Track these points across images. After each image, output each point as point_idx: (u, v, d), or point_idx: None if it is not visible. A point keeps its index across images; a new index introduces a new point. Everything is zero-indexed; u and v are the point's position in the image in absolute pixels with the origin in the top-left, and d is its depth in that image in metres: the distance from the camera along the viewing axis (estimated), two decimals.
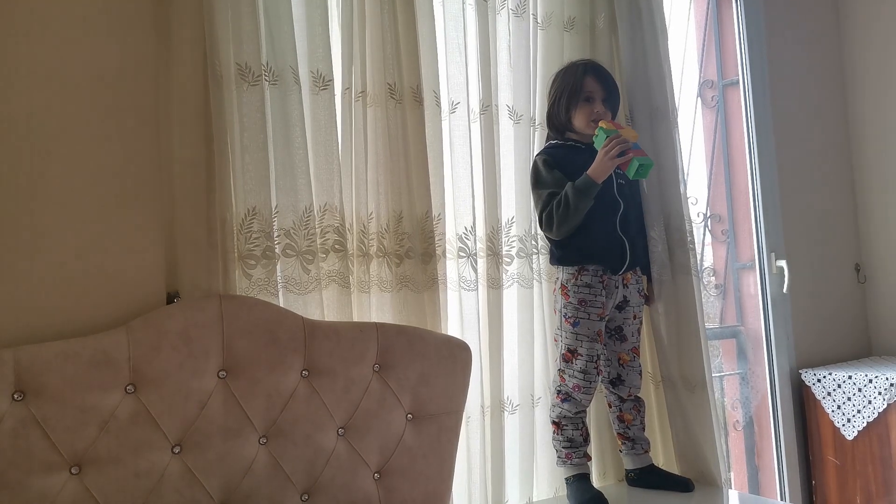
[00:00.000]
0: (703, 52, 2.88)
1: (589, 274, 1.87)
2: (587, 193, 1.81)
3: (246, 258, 1.53)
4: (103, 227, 1.40)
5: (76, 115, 1.38)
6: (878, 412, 2.46)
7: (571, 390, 1.87)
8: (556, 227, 1.84)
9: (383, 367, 1.59)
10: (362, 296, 1.69)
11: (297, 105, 1.60)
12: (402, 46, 1.74)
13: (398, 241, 1.71)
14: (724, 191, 2.85)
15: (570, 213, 1.82)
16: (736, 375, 2.81)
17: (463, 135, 1.88)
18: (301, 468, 1.48)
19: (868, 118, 3.01)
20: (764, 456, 2.77)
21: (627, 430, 1.99)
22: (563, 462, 1.90)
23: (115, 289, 1.40)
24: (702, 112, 2.88)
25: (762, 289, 2.75)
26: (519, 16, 2.02)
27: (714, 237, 2.84)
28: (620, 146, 1.79)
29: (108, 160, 1.41)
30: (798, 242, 2.81)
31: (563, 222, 1.83)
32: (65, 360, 1.27)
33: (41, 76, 1.35)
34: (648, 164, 1.81)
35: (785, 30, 2.90)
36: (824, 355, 2.81)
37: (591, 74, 1.93)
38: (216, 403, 1.40)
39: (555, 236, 1.89)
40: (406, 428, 1.61)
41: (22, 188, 1.33)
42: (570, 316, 1.87)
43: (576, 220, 1.83)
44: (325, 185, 1.64)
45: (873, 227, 2.99)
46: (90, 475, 1.28)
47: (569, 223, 1.83)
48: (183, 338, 1.38)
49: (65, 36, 1.38)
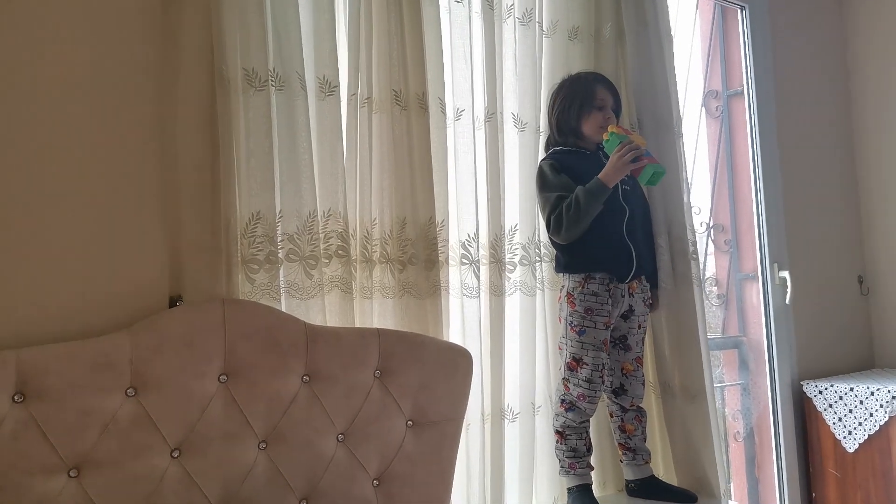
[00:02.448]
0: (708, 62, 2.88)
1: (595, 282, 1.87)
2: (598, 197, 1.81)
3: (249, 262, 1.53)
4: (107, 229, 1.40)
5: (81, 118, 1.39)
6: (879, 425, 2.45)
7: (576, 399, 1.86)
8: (565, 231, 1.84)
9: (384, 373, 1.58)
10: (364, 302, 1.69)
11: (303, 110, 1.60)
12: (408, 53, 1.74)
13: (401, 248, 1.71)
14: (728, 201, 2.85)
15: (580, 217, 1.82)
16: (737, 386, 2.80)
17: (468, 142, 1.88)
18: (300, 474, 1.47)
19: (873, 130, 3.01)
20: (764, 467, 2.76)
21: (629, 441, 1.98)
22: (567, 472, 1.90)
23: (118, 291, 1.40)
24: (706, 122, 2.88)
25: (765, 299, 2.74)
26: (525, 24, 2.02)
27: (717, 247, 2.84)
28: (634, 152, 1.79)
29: (113, 163, 1.42)
30: (801, 254, 2.81)
31: (573, 226, 1.83)
32: (66, 363, 1.26)
33: (47, 79, 1.36)
34: (661, 172, 1.82)
35: (790, 41, 2.90)
36: (826, 367, 2.81)
37: (601, 84, 1.96)
38: (217, 407, 1.40)
39: (562, 240, 1.88)
40: (406, 435, 1.60)
41: (26, 190, 1.33)
42: (577, 324, 1.87)
43: (584, 224, 1.83)
44: (330, 191, 1.64)
45: (877, 240, 2.99)
46: (89, 478, 1.27)
47: (578, 227, 1.83)
48: (185, 341, 1.37)
49: (70, 39, 1.39)
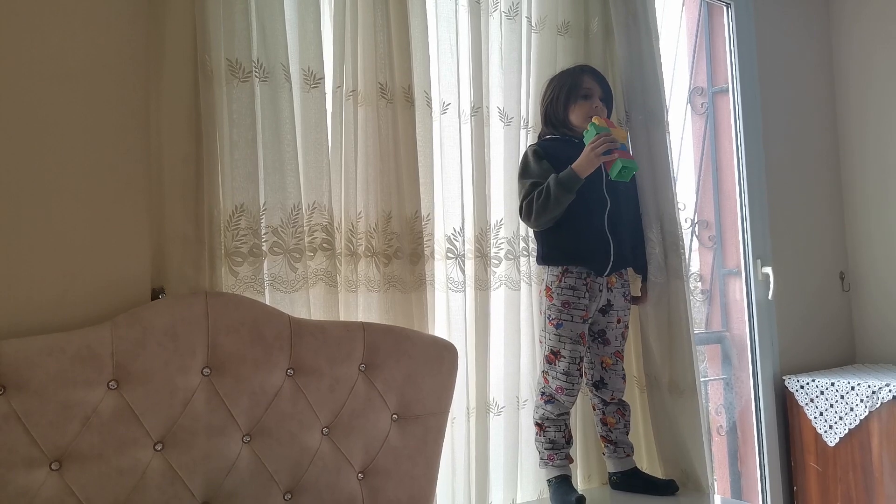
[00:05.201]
0: (693, 59, 2.90)
1: (573, 276, 1.88)
2: (569, 187, 1.81)
3: (233, 255, 1.52)
4: (89, 220, 1.39)
5: (64, 109, 1.37)
6: (859, 419, 2.48)
7: (554, 392, 1.87)
8: (535, 217, 1.85)
9: (369, 366, 1.58)
10: (349, 295, 1.69)
11: (288, 102, 1.60)
12: (394, 46, 1.73)
13: (386, 241, 1.71)
14: (712, 197, 2.87)
15: (549, 205, 1.82)
16: (720, 381, 2.83)
17: (453, 136, 1.88)
18: (285, 467, 1.47)
19: (856, 128, 3.04)
20: (746, 461, 2.78)
21: (610, 434, 1.99)
22: (546, 464, 1.91)
23: (100, 283, 1.39)
24: (691, 118, 2.90)
25: (748, 295, 2.77)
26: (511, 18, 2.02)
27: (701, 243, 2.86)
28: (607, 144, 1.79)
29: (96, 154, 1.40)
30: (784, 250, 2.83)
31: (542, 213, 1.84)
32: (48, 355, 1.25)
33: (28, 71, 1.34)
34: (632, 167, 1.81)
35: (775, 38, 2.92)
36: (808, 362, 2.84)
37: (588, 74, 1.97)
38: (200, 401, 1.39)
39: (533, 226, 1.91)
40: (391, 428, 1.60)
41: (7, 181, 1.31)
42: (554, 318, 1.88)
43: (555, 213, 1.84)
44: (315, 184, 1.64)
45: (859, 236, 3.02)
46: (71, 471, 1.26)
47: (547, 215, 1.84)
48: (169, 334, 1.37)
49: (53, 30, 1.37)
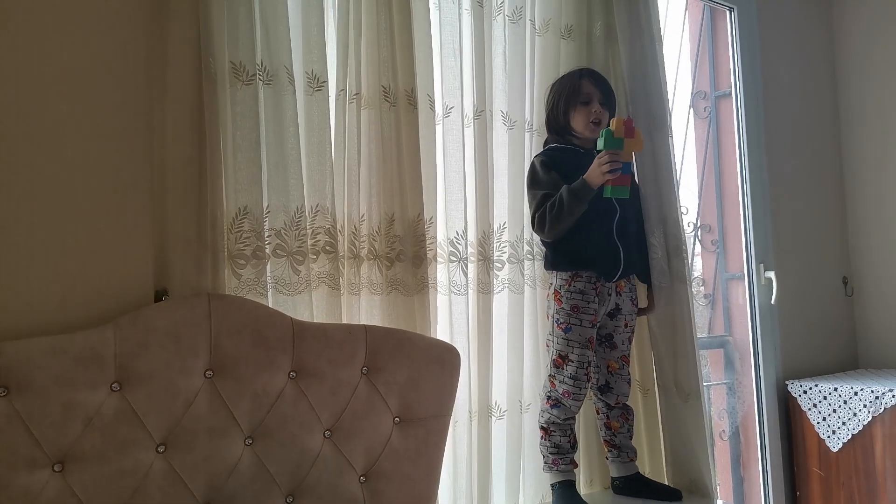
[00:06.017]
0: (696, 63, 2.90)
1: (582, 280, 1.88)
2: (582, 197, 1.82)
3: (236, 257, 1.52)
4: (92, 222, 1.39)
5: (68, 111, 1.37)
6: (862, 425, 2.47)
7: (561, 396, 1.87)
8: (549, 229, 1.85)
9: (371, 369, 1.58)
10: (352, 298, 1.69)
11: (291, 105, 1.60)
12: (398, 49, 1.74)
13: (389, 244, 1.71)
14: (715, 201, 2.86)
15: (563, 216, 1.83)
16: (723, 385, 2.82)
17: (456, 139, 1.88)
18: (286, 469, 1.47)
19: (859, 132, 3.03)
20: (749, 466, 2.78)
21: (614, 438, 1.99)
22: (550, 468, 1.90)
23: (103, 285, 1.39)
24: (694, 123, 2.90)
25: (750, 299, 2.76)
26: (515, 22, 2.03)
27: (704, 247, 2.85)
28: (612, 164, 1.79)
29: (99, 156, 1.40)
30: (787, 254, 2.83)
31: (556, 224, 1.84)
32: (51, 356, 1.25)
33: (31, 73, 1.34)
34: (622, 192, 1.84)
35: (779, 43, 2.92)
36: (811, 367, 2.83)
37: (587, 78, 1.97)
38: (202, 403, 1.39)
39: (546, 237, 1.91)
40: (393, 431, 1.60)
41: (11, 183, 1.31)
42: (563, 322, 1.88)
43: (568, 223, 1.84)
44: (318, 186, 1.64)
45: (862, 241, 3.01)
46: (73, 473, 1.26)
47: (561, 225, 1.84)
48: (171, 336, 1.37)
49: (56, 32, 1.37)
